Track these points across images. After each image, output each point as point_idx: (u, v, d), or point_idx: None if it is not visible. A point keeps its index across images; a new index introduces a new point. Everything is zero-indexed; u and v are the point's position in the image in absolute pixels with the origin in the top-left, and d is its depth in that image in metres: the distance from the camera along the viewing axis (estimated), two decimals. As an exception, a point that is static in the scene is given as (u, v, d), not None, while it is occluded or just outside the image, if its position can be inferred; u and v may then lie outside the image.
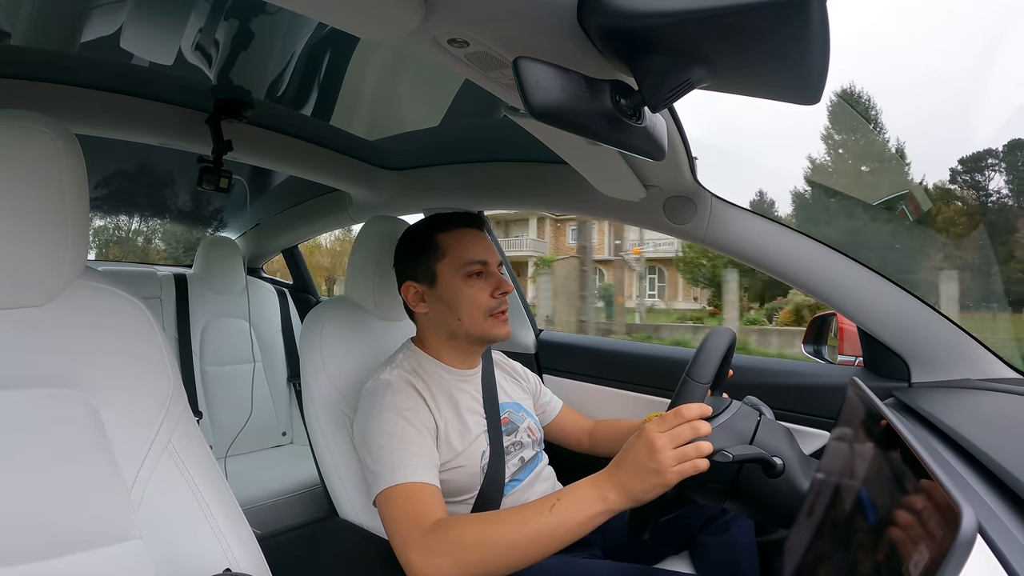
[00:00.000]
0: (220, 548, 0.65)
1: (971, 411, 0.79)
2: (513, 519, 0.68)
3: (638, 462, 0.64)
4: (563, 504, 0.66)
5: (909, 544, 0.35)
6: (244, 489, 1.53)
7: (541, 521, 0.66)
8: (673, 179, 0.98)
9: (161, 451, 0.64)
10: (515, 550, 0.66)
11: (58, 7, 0.81)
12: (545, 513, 0.66)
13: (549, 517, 0.66)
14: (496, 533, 0.67)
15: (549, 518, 0.66)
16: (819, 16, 0.34)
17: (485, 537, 0.67)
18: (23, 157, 0.57)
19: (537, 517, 0.66)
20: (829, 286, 0.99)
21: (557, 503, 0.67)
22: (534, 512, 0.67)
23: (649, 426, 0.64)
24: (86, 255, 0.63)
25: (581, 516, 0.65)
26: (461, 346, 0.94)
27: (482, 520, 0.70)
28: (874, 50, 26.88)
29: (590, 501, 0.66)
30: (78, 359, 0.62)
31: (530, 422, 1.01)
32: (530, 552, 0.66)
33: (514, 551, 0.66)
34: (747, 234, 1.01)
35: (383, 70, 1.01)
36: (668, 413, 0.65)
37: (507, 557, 0.66)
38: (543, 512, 0.66)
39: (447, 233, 0.93)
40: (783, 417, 1.04)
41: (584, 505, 0.66)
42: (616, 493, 0.65)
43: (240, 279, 2.00)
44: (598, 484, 0.67)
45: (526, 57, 0.40)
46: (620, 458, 0.67)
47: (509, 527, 0.67)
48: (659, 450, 0.62)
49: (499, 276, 0.93)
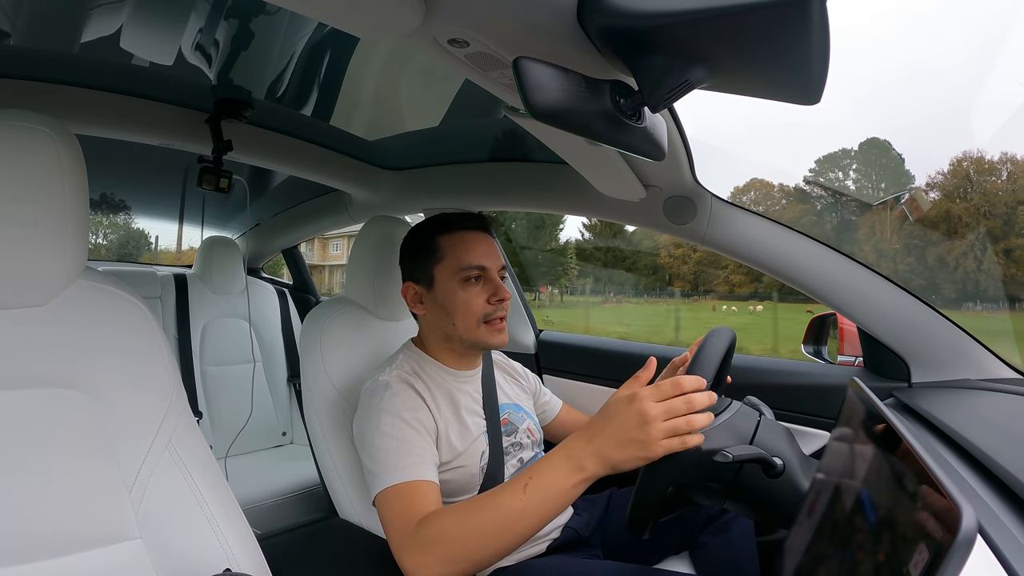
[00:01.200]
0: (220, 548, 0.65)
1: (971, 411, 0.79)
2: (487, 505, 0.65)
3: (625, 430, 0.60)
4: (536, 482, 0.63)
5: (909, 544, 0.35)
6: (244, 489, 1.53)
7: (516, 503, 0.63)
8: (673, 179, 0.98)
9: (161, 451, 0.64)
10: (494, 538, 0.64)
11: (58, 7, 0.81)
12: (518, 494, 0.63)
13: (524, 497, 0.63)
14: (473, 523, 0.65)
15: (524, 499, 0.63)
16: (819, 16, 0.34)
17: (463, 528, 0.65)
18: (23, 157, 0.57)
19: (512, 500, 0.63)
20: (829, 286, 0.99)
21: (530, 482, 0.63)
22: (507, 495, 0.64)
23: (643, 392, 0.60)
24: (86, 255, 0.63)
25: (557, 491, 0.62)
26: (457, 349, 0.94)
27: (458, 510, 0.67)
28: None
29: (565, 473, 0.63)
30: (78, 359, 0.62)
31: (529, 423, 1.01)
32: (512, 535, 0.64)
33: (493, 539, 0.64)
34: (747, 234, 1.01)
35: (383, 70, 1.01)
36: (664, 382, 0.61)
37: (487, 546, 0.64)
38: (516, 494, 0.63)
39: (449, 235, 0.91)
40: (783, 417, 1.04)
41: (559, 479, 0.63)
42: (594, 461, 0.61)
43: (240, 279, 2.01)
44: (573, 454, 0.63)
45: (526, 57, 0.40)
46: (601, 422, 0.63)
47: (485, 514, 0.65)
48: (651, 421, 0.58)
49: (498, 282, 0.90)
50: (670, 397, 0.60)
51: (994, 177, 15.76)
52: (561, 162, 0.91)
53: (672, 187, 1.01)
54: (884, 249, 16.92)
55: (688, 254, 19.59)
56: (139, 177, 1.77)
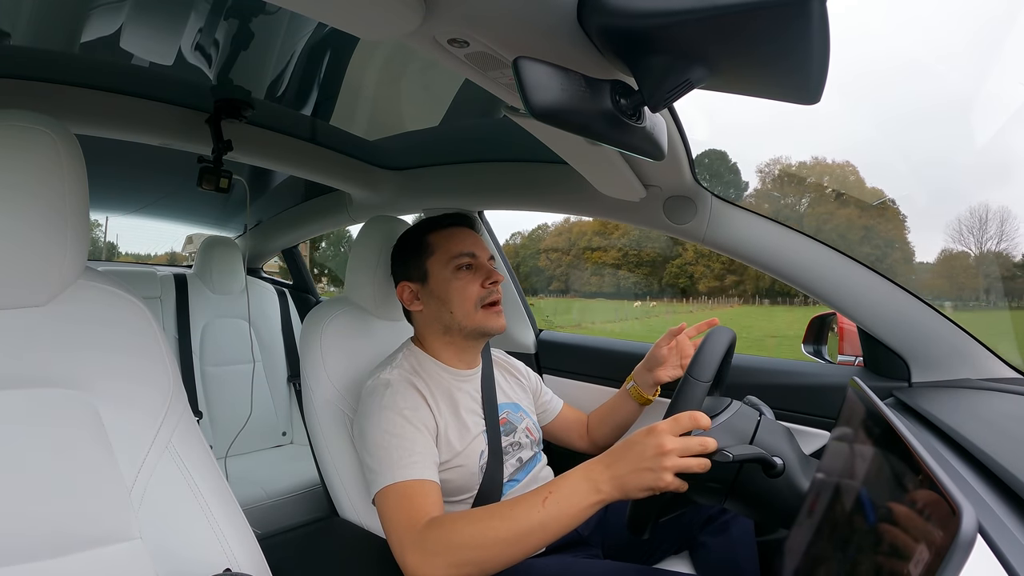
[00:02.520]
0: (220, 548, 0.65)
1: (971, 411, 0.79)
2: (506, 515, 0.67)
3: (642, 459, 0.63)
4: (555, 497, 0.66)
5: (909, 544, 0.35)
6: (244, 489, 1.53)
7: (534, 516, 0.65)
8: (673, 179, 0.98)
9: (161, 451, 0.64)
10: (509, 546, 0.66)
11: (58, 7, 0.81)
12: (537, 507, 0.66)
13: (542, 511, 0.65)
14: (489, 530, 0.67)
15: (542, 512, 0.65)
16: (819, 16, 0.34)
17: (478, 535, 0.67)
18: (23, 157, 0.57)
19: (530, 513, 0.66)
20: (829, 286, 0.99)
21: (549, 496, 0.66)
22: (527, 508, 0.67)
23: (662, 426, 0.64)
24: (86, 255, 0.63)
25: (574, 509, 0.65)
26: (457, 342, 0.94)
27: (475, 517, 0.70)
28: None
29: (583, 493, 0.66)
30: (78, 359, 0.62)
31: (528, 422, 1.01)
32: (524, 547, 0.66)
33: (508, 547, 0.66)
34: (747, 234, 1.01)
35: (383, 70, 1.01)
36: (683, 415, 0.65)
37: (501, 554, 0.66)
38: (535, 507, 0.66)
39: (437, 232, 0.95)
40: (783, 417, 1.04)
41: (577, 497, 0.65)
42: (611, 486, 0.65)
43: (240, 279, 2.01)
44: (592, 475, 0.66)
45: (526, 57, 0.40)
46: (622, 450, 0.66)
47: (502, 523, 0.67)
48: (667, 454, 0.62)
49: (489, 267, 0.94)
50: (687, 429, 0.64)
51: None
52: (561, 162, 0.91)
53: (672, 187, 1.01)
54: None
55: (561, 257, 22.03)
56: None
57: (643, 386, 1.10)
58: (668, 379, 1.08)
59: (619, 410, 1.12)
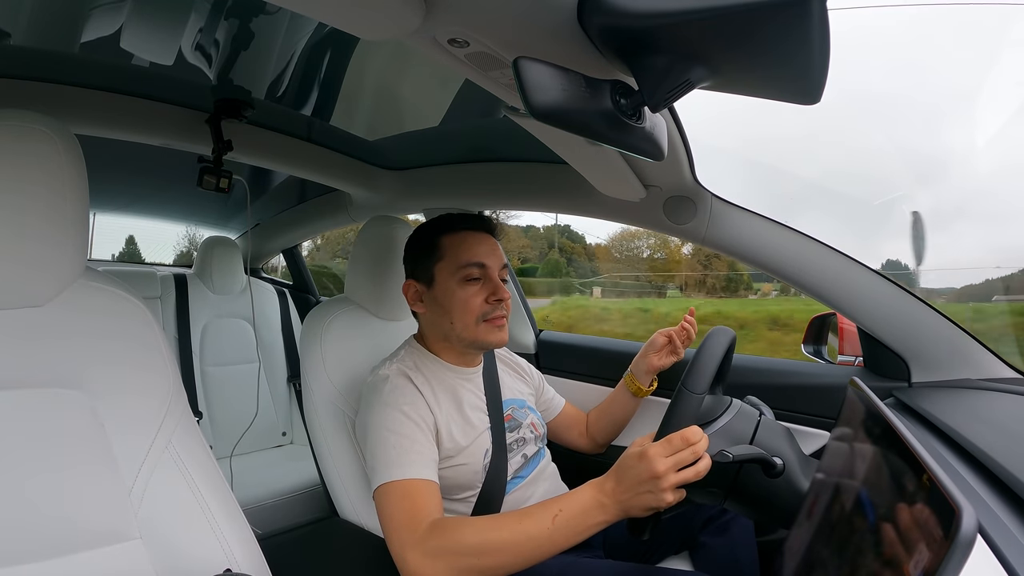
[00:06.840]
0: (220, 548, 0.65)
1: (971, 411, 0.79)
2: (514, 527, 0.68)
3: (639, 483, 0.64)
4: (565, 515, 0.67)
5: (909, 544, 0.35)
6: (244, 489, 1.53)
7: (543, 532, 0.66)
8: (673, 179, 0.98)
9: (161, 451, 0.64)
10: (516, 557, 0.66)
11: (58, 7, 0.81)
12: (547, 523, 0.67)
13: (551, 528, 0.66)
14: (495, 540, 0.67)
15: (551, 529, 0.66)
16: (820, 16, 0.34)
17: (484, 544, 0.67)
18: (23, 157, 0.57)
19: (540, 527, 0.67)
20: (829, 286, 0.99)
21: (559, 514, 0.67)
22: (536, 521, 0.67)
23: (653, 450, 0.64)
24: (86, 255, 0.63)
25: (582, 526, 0.67)
26: (456, 348, 0.94)
27: (482, 526, 0.70)
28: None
29: (591, 512, 0.67)
30: (78, 359, 0.62)
31: (533, 418, 1.01)
32: (530, 558, 0.67)
33: (515, 558, 0.66)
34: (747, 234, 1.01)
35: (383, 70, 1.01)
36: (674, 436, 0.65)
37: (505, 564, 0.66)
38: (545, 522, 0.67)
39: (451, 235, 0.91)
40: (783, 417, 1.04)
41: (586, 516, 0.67)
42: (616, 508, 0.66)
43: (240, 279, 2.01)
44: (598, 496, 0.67)
45: (526, 57, 0.40)
46: (620, 473, 0.67)
47: (509, 535, 0.67)
48: (661, 476, 0.63)
49: (497, 282, 0.90)
50: (679, 451, 0.64)
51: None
52: (561, 162, 0.91)
53: (672, 187, 1.01)
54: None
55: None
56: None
57: (639, 374, 1.10)
58: (661, 366, 1.10)
59: (615, 405, 1.12)
